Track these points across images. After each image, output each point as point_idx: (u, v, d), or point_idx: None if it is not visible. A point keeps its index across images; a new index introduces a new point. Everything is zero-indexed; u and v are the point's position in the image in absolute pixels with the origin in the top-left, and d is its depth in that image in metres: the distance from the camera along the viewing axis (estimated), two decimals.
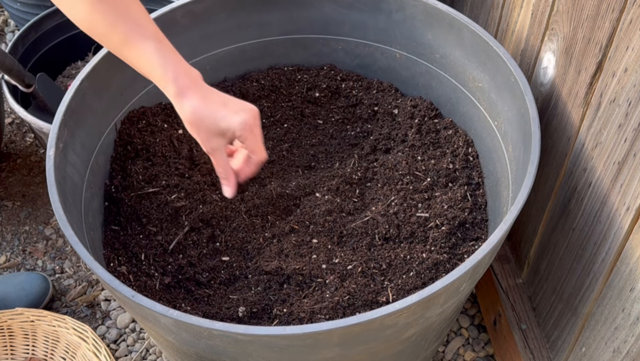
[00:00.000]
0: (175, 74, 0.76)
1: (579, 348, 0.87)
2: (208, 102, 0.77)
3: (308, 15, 1.08)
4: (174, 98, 0.76)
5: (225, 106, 0.78)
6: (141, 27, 0.76)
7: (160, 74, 0.76)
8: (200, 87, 0.77)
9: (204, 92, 0.77)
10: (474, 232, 0.89)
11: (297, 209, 0.95)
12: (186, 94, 0.76)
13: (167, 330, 0.70)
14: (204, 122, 0.77)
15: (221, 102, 0.78)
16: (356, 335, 0.67)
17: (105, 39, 0.77)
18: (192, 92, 0.76)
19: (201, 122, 0.77)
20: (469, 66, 0.97)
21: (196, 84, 0.77)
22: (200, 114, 0.76)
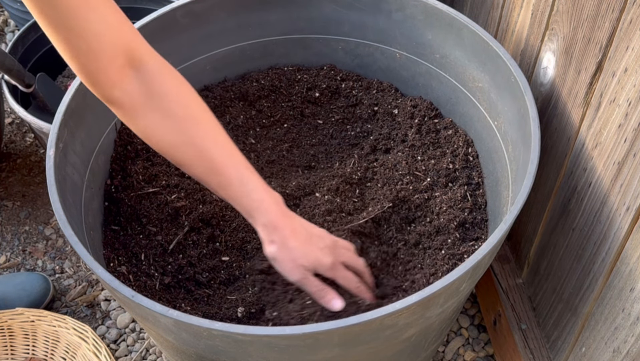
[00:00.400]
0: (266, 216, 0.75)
1: (579, 348, 0.87)
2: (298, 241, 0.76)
3: (308, 15, 1.08)
4: (262, 232, 0.76)
5: (312, 242, 0.77)
6: (228, 155, 0.75)
7: (251, 216, 0.76)
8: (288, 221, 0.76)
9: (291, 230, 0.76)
10: (474, 232, 0.89)
11: (297, 209, 0.95)
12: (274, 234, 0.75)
13: (167, 330, 0.70)
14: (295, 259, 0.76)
15: (308, 240, 0.77)
16: (356, 335, 0.67)
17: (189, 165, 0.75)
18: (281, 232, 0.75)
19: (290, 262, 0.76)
20: (469, 66, 0.97)
21: (283, 215, 0.76)
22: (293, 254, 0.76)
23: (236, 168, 0.75)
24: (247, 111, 1.09)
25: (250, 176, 0.76)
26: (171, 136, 0.73)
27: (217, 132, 0.75)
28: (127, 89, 0.70)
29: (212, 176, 0.75)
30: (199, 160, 0.74)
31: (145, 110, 0.72)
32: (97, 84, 0.70)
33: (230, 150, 0.76)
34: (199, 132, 0.74)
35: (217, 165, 0.74)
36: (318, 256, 0.76)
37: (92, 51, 0.66)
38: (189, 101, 0.74)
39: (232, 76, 1.12)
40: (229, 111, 1.07)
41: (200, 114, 0.75)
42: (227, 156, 0.75)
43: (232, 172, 0.75)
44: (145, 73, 0.71)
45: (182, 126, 0.73)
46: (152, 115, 0.72)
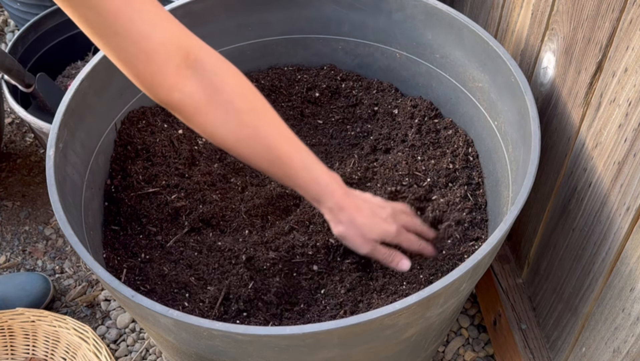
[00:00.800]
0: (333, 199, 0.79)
1: (579, 348, 0.87)
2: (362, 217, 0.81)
3: (308, 15, 1.08)
4: (329, 211, 0.81)
5: (375, 215, 0.82)
6: (292, 145, 0.77)
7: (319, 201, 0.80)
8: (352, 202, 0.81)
9: (355, 208, 0.80)
10: (474, 232, 0.89)
11: (297, 209, 0.95)
12: (342, 214, 0.80)
13: (167, 330, 0.70)
14: (364, 233, 0.81)
15: (372, 214, 0.82)
16: (356, 335, 0.67)
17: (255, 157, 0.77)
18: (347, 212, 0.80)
19: (359, 237, 0.81)
20: (469, 65, 0.97)
21: (346, 195, 0.80)
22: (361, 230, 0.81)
23: (301, 157, 0.77)
24: None
25: (314, 162, 0.78)
26: (236, 131, 0.73)
27: (279, 123, 0.76)
28: (186, 90, 0.69)
29: (278, 167, 0.76)
30: (266, 153, 0.75)
31: (208, 109, 0.71)
32: (153, 87, 0.68)
33: (293, 139, 0.77)
34: (263, 124, 0.74)
35: (283, 156, 0.75)
36: (383, 227, 0.82)
37: (143, 53, 0.65)
38: (249, 94, 0.74)
39: None
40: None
41: (261, 106, 0.75)
42: (291, 146, 0.77)
43: (298, 161, 0.77)
44: (203, 71, 0.70)
45: (245, 119, 0.73)
46: (214, 112, 0.71)
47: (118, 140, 0.97)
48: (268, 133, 0.74)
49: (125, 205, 0.92)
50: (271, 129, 0.75)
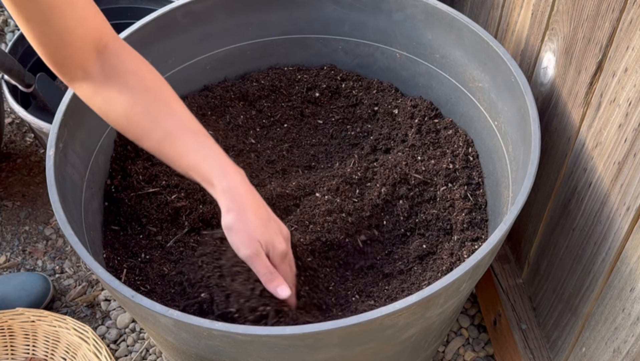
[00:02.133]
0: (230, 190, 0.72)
1: (579, 348, 0.87)
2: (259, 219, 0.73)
3: (308, 15, 1.08)
4: (222, 197, 0.72)
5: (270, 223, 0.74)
6: (185, 123, 0.75)
7: (215, 190, 0.73)
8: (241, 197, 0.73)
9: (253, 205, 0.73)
10: (474, 232, 0.89)
11: (297, 209, 0.95)
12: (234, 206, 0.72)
13: (167, 330, 0.70)
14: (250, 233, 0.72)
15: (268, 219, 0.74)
16: (356, 335, 0.67)
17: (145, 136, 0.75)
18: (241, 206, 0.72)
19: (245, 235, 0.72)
20: (469, 66, 0.97)
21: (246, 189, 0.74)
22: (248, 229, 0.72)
23: (194, 135, 0.74)
24: (247, 111, 1.09)
25: (209, 142, 0.74)
26: (127, 108, 0.73)
27: (173, 103, 0.75)
28: (88, 70, 0.73)
29: (168, 146, 0.73)
30: (154, 130, 0.73)
31: (104, 86, 0.73)
32: (62, 67, 0.73)
33: (187, 119, 0.75)
34: (154, 103, 0.74)
35: (172, 133, 0.73)
36: (275, 239, 0.73)
37: (62, 42, 0.69)
38: (145, 75, 0.75)
39: (232, 76, 1.12)
40: (229, 111, 1.07)
41: (157, 87, 0.75)
42: (182, 124, 0.74)
43: (189, 139, 0.73)
44: (107, 54, 0.73)
45: (137, 98, 0.73)
46: (109, 90, 0.73)
47: (118, 140, 0.97)
48: (159, 112, 0.73)
49: (125, 205, 0.92)
50: (163, 109, 0.74)
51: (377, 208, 0.95)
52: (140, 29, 0.96)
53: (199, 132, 0.75)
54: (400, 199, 0.95)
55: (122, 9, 1.40)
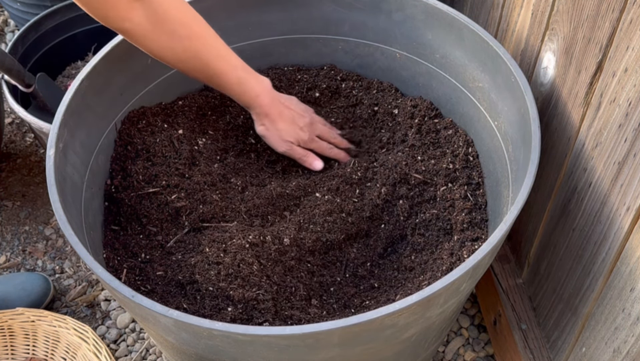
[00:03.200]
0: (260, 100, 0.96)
1: (579, 348, 0.87)
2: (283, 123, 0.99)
3: (308, 15, 1.08)
4: (255, 116, 1.00)
5: (295, 122, 1.00)
6: (227, 61, 0.93)
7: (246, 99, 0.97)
8: (276, 107, 0.98)
9: (278, 114, 0.98)
10: (474, 232, 0.89)
11: (297, 209, 0.95)
12: (266, 117, 0.98)
13: (167, 330, 0.70)
14: (281, 136, 1.00)
15: (292, 121, 1.00)
16: (356, 335, 0.67)
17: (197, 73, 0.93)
18: (271, 115, 0.98)
19: (277, 138, 1.00)
20: (469, 65, 0.97)
21: (272, 101, 0.98)
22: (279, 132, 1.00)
23: (235, 73, 0.94)
24: (247, 111, 1.09)
25: (247, 76, 0.95)
26: (178, 53, 0.89)
27: (217, 45, 0.92)
28: (135, 20, 0.83)
29: (215, 82, 0.94)
30: (204, 71, 0.92)
31: (154, 36, 0.85)
32: (108, 19, 0.82)
33: (228, 57, 0.93)
34: (201, 48, 0.90)
35: (219, 73, 0.92)
36: (298, 133, 1.00)
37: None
38: (190, 21, 0.88)
39: None
40: (229, 111, 1.07)
41: (201, 32, 0.90)
42: (226, 64, 0.93)
43: (232, 77, 0.93)
44: (150, 3, 0.83)
45: (186, 44, 0.88)
46: (159, 39, 0.86)
47: (118, 140, 0.97)
48: (205, 55, 0.90)
49: (125, 205, 0.92)
50: (209, 51, 0.90)
51: (377, 208, 0.95)
52: None
53: (238, 68, 0.94)
54: (400, 199, 0.95)
55: None
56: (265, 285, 0.82)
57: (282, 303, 0.82)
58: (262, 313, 0.79)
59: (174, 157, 0.97)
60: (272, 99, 0.97)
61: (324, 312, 0.84)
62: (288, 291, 0.84)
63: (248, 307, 0.79)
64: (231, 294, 0.80)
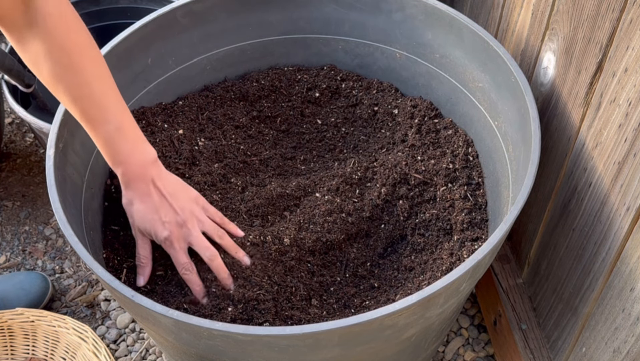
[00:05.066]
0: (123, 167, 0.79)
1: (579, 348, 0.87)
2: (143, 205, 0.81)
3: (308, 15, 1.08)
4: (123, 190, 0.82)
5: (158, 212, 0.80)
6: (101, 110, 0.77)
7: (111, 163, 0.80)
8: (143, 183, 0.80)
9: (142, 192, 0.80)
10: (474, 232, 0.89)
11: (297, 209, 0.95)
12: (128, 191, 0.81)
13: (167, 330, 0.70)
14: (134, 221, 0.82)
15: (154, 208, 0.80)
16: (356, 335, 0.67)
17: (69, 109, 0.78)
18: (133, 190, 0.81)
19: (132, 219, 0.82)
20: (469, 66, 0.97)
21: (142, 175, 0.80)
22: (133, 215, 0.82)
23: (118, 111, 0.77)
24: (247, 111, 1.09)
25: (131, 124, 0.79)
26: (53, 63, 0.73)
27: (101, 65, 0.77)
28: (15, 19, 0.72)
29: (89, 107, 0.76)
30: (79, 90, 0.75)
31: (32, 37, 0.73)
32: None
33: (110, 81, 0.78)
34: (81, 61, 0.75)
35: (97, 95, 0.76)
36: (156, 228, 0.80)
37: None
38: (78, 31, 0.75)
39: (232, 76, 1.12)
40: (229, 111, 1.07)
41: (85, 44, 0.76)
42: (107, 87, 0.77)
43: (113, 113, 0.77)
44: (35, 5, 0.72)
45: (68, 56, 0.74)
46: (34, 41, 0.73)
47: None
48: (85, 70, 0.75)
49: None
50: (94, 72, 0.76)
51: (377, 208, 0.95)
52: (140, 29, 0.96)
53: (124, 110, 0.79)
54: (400, 199, 0.95)
55: (122, 9, 1.40)
56: (266, 285, 0.82)
57: (282, 303, 0.82)
58: (262, 313, 0.79)
59: (174, 158, 0.97)
60: (146, 170, 0.80)
61: (324, 312, 0.84)
62: (288, 292, 0.84)
63: (248, 307, 0.79)
64: (231, 294, 0.80)
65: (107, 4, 1.38)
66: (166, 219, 0.80)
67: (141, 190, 0.80)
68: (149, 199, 0.80)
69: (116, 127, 0.77)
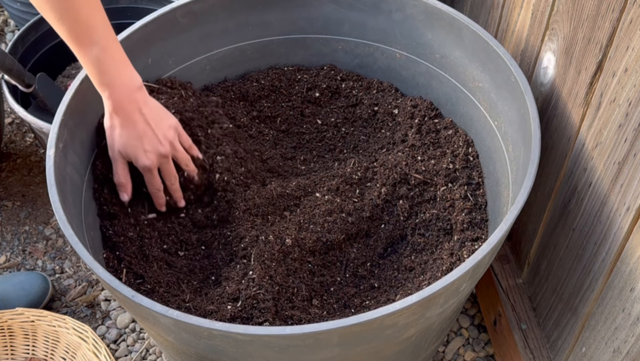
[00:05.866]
0: (110, 89, 0.80)
1: (579, 348, 0.87)
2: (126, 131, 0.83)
3: (308, 15, 1.08)
4: (106, 112, 0.83)
5: (141, 139, 0.83)
6: (88, 30, 0.77)
7: (97, 84, 0.81)
8: (129, 109, 0.82)
9: (126, 118, 0.82)
10: (474, 232, 0.89)
11: (297, 209, 0.95)
12: (113, 115, 0.82)
13: (167, 330, 0.70)
14: (114, 144, 0.84)
15: (137, 136, 0.83)
16: (356, 335, 0.67)
17: (55, 28, 0.77)
18: (118, 115, 0.82)
19: (112, 142, 0.84)
20: (469, 65, 0.97)
21: (128, 101, 0.81)
22: (114, 138, 0.83)
23: (105, 33, 0.77)
24: (247, 111, 1.09)
25: (116, 46, 0.79)
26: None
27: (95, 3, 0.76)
28: None
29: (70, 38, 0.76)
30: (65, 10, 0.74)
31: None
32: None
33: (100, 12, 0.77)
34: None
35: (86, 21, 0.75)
36: (137, 154, 0.84)
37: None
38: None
39: (232, 76, 1.12)
40: (230, 111, 1.07)
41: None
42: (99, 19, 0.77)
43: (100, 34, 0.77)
44: None
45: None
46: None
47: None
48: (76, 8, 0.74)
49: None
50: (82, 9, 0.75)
51: (377, 208, 0.95)
52: (140, 29, 0.96)
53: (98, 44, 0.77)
54: (400, 199, 0.95)
55: (122, 9, 1.40)
56: (266, 285, 0.82)
57: (283, 303, 0.82)
58: (262, 313, 0.79)
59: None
60: (132, 96, 0.82)
61: (324, 312, 0.84)
62: (290, 292, 0.84)
63: (248, 306, 0.79)
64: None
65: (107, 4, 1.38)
66: (149, 148, 0.84)
67: (126, 115, 0.82)
68: (134, 126, 0.82)
69: (102, 48, 0.78)
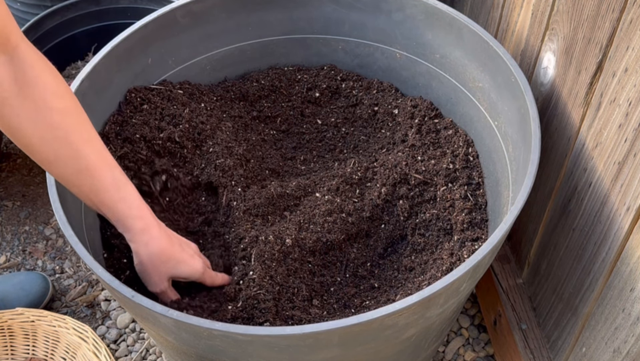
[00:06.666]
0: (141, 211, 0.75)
1: (579, 348, 0.87)
2: (171, 245, 0.77)
3: (308, 15, 1.08)
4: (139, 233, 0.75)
5: (183, 250, 0.78)
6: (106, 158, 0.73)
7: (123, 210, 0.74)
8: (162, 227, 0.77)
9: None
10: (474, 232, 0.89)
11: (297, 209, 0.95)
12: (152, 231, 0.75)
13: (167, 330, 0.70)
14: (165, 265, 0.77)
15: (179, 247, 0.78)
16: (356, 335, 0.67)
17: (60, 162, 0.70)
18: (157, 231, 0.75)
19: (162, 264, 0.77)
20: (469, 66, 0.97)
21: (158, 222, 0.76)
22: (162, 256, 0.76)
23: (112, 172, 0.72)
24: (247, 111, 1.09)
25: (125, 181, 0.74)
26: (43, 129, 0.67)
27: (92, 133, 0.72)
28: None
29: (85, 178, 0.71)
30: (73, 160, 0.69)
31: (17, 100, 0.65)
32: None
33: (104, 152, 0.73)
34: (74, 129, 0.69)
35: (91, 167, 0.70)
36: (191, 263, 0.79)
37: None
38: (64, 94, 0.69)
39: (232, 76, 1.12)
40: (229, 111, 1.07)
41: (75, 110, 0.70)
42: (102, 158, 0.72)
43: (108, 176, 0.72)
44: (19, 61, 0.66)
45: (56, 119, 0.67)
46: (22, 105, 0.66)
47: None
48: (79, 139, 0.69)
49: None
50: (82, 136, 0.69)
51: (377, 208, 0.95)
52: (140, 29, 0.96)
53: (115, 168, 0.74)
54: (400, 199, 0.95)
55: (122, 9, 1.40)
56: (267, 285, 0.82)
57: (283, 303, 0.82)
58: (262, 313, 0.79)
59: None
60: (157, 221, 0.77)
61: (324, 312, 0.84)
62: (290, 292, 0.84)
63: (248, 306, 0.79)
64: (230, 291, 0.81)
65: (107, 4, 1.38)
66: (191, 252, 0.79)
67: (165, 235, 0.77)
68: (174, 242, 0.78)
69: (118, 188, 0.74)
